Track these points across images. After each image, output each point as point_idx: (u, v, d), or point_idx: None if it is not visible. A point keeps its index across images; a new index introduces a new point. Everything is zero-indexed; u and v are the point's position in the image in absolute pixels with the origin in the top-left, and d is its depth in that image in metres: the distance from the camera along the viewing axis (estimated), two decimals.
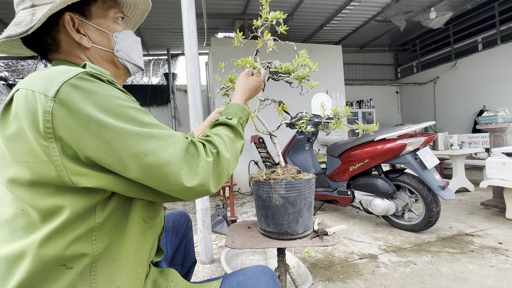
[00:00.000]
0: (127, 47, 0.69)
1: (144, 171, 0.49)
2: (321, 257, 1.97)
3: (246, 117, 0.81)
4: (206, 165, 0.56)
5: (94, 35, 0.63)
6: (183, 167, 0.52)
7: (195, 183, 0.53)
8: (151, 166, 0.49)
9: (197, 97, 1.79)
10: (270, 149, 4.15)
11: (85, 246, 0.50)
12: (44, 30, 0.59)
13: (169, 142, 0.52)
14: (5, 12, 4.51)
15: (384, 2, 5.15)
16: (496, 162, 2.53)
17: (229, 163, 0.62)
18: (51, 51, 0.63)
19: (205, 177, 0.55)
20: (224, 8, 5.03)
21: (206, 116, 6.89)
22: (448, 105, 6.94)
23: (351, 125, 1.12)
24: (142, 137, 0.49)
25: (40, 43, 0.62)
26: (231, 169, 0.63)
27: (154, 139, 0.50)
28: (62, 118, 0.45)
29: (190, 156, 0.55)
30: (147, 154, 0.49)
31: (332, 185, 2.79)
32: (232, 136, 0.69)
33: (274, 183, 0.99)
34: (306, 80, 1.04)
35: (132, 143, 0.48)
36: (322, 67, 5.25)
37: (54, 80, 0.46)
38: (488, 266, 1.71)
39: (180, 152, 0.53)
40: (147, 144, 0.49)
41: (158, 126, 0.54)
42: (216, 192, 0.60)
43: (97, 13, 0.64)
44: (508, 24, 5.59)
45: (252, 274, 0.73)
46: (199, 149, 0.57)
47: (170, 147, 0.52)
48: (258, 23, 1.03)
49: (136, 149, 0.48)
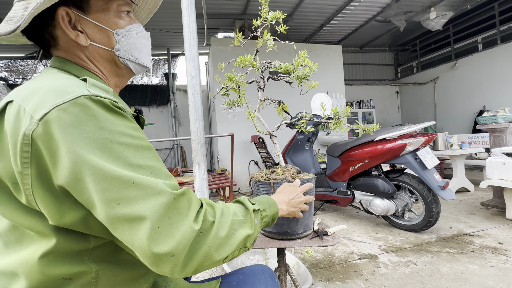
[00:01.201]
0: (130, 44, 0.61)
1: (111, 221, 0.43)
2: (321, 257, 1.97)
3: (271, 215, 0.68)
4: (189, 233, 0.45)
5: (92, 32, 0.56)
6: (159, 226, 0.43)
7: (164, 250, 0.42)
8: (120, 218, 0.42)
9: (197, 97, 1.79)
10: (270, 149, 4.15)
11: (83, 266, 0.49)
12: (41, 25, 0.54)
13: (151, 193, 0.44)
14: (5, 13, 4.50)
15: (384, 2, 5.15)
16: (496, 162, 2.53)
17: (218, 244, 0.49)
18: (51, 47, 0.58)
19: (181, 246, 0.44)
20: (224, 8, 5.03)
21: (206, 116, 6.91)
22: (448, 105, 6.94)
23: (351, 125, 1.12)
24: (120, 182, 0.42)
25: (39, 38, 0.57)
26: (217, 255, 0.48)
27: (134, 187, 0.43)
28: (41, 144, 0.42)
29: (175, 213, 0.45)
30: (120, 203, 0.42)
31: (332, 185, 2.79)
32: (241, 219, 0.56)
33: (274, 183, 0.99)
34: (306, 80, 1.04)
35: (106, 187, 0.42)
36: (322, 67, 5.25)
37: (47, 100, 0.43)
38: (488, 266, 1.71)
39: (162, 207, 0.44)
40: (123, 191, 0.42)
41: (148, 168, 0.46)
42: (182, 277, 0.50)
43: (96, 6, 0.56)
44: (508, 24, 5.59)
45: (251, 273, 0.74)
46: (191, 207, 0.48)
47: (151, 199, 0.44)
48: (257, 23, 1.03)
49: (109, 195, 0.42)
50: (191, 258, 0.46)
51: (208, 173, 2.57)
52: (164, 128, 7.04)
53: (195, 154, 1.81)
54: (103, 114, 0.45)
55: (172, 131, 7.00)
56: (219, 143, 4.80)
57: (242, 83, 1.11)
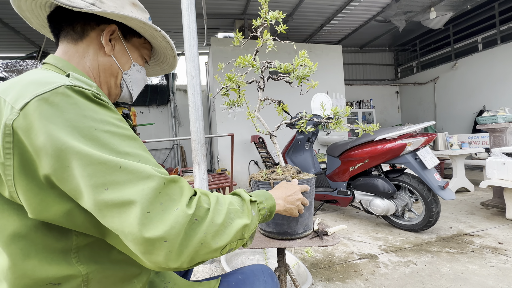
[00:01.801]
0: (136, 78, 0.71)
1: (99, 208, 0.41)
2: (321, 257, 1.97)
3: (268, 207, 0.67)
4: (182, 217, 0.43)
5: (118, 52, 0.66)
6: (149, 210, 0.41)
7: (156, 234, 0.41)
8: (108, 204, 0.41)
9: (197, 97, 1.79)
10: (270, 149, 4.15)
11: (71, 268, 0.47)
12: (83, 19, 0.60)
13: (140, 177, 0.43)
14: (5, 12, 4.50)
15: (384, 2, 5.15)
16: (496, 162, 2.53)
17: (215, 231, 0.47)
18: (67, 39, 0.61)
19: (174, 230, 0.42)
20: (224, 8, 5.03)
21: (206, 116, 6.91)
22: (448, 105, 6.94)
23: (351, 125, 1.12)
24: (107, 167, 0.41)
25: (63, 26, 0.61)
26: (213, 243, 0.47)
27: (122, 171, 0.42)
28: (22, 134, 0.41)
29: (167, 198, 0.44)
30: (108, 187, 0.41)
31: (332, 185, 2.79)
32: (237, 209, 0.55)
33: (274, 183, 0.99)
34: (306, 80, 1.04)
35: (92, 172, 0.41)
36: (322, 67, 5.25)
37: (27, 91, 0.43)
38: (488, 266, 1.71)
39: (151, 191, 0.43)
40: (111, 176, 0.41)
41: (136, 156, 0.46)
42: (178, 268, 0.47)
43: (133, 43, 0.69)
44: (508, 24, 5.59)
45: (251, 272, 0.74)
46: (184, 193, 0.47)
47: (140, 183, 0.43)
48: (257, 23, 1.03)
49: (96, 180, 0.41)
50: (186, 245, 0.44)
51: (208, 173, 2.57)
52: (164, 128, 7.04)
53: (195, 154, 1.82)
54: (85, 103, 0.45)
55: (172, 131, 7.00)
56: (219, 143, 4.80)
57: (242, 83, 1.11)
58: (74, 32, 0.60)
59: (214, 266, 1.86)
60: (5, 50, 6.08)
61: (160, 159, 7.02)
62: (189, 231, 0.44)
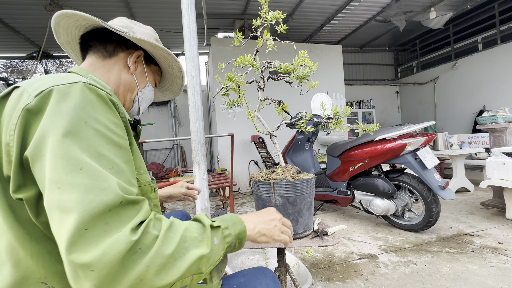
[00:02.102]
0: (147, 97, 0.82)
1: (48, 206, 0.39)
2: (321, 257, 1.97)
3: (236, 234, 0.57)
4: (122, 243, 0.37)
5: (139, 73, 0.77)
6: (88, 227, 0.37)
7: (82, 259, 0.35)
8: (54, 204, 0.38)
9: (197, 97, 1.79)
10: (270, 149, 4.15)
11: None
12: (116, 41, 0.72)
13: (96, 186, 0.39)
14: (5, 12, 4.50)
15: (384, 2, 5.15)
16: (496, 162, 2.53)
17: (161, 264, 0.40)
18: (97, 54, 0.71)
19: (106, 258, 0.36)
20: (224, 8, 5.03)
21: (206, 116, 6.91)
22: (448, 105, 6.94)
23: (351, 125, 1.12)
24: (69, 164, 0.40)
25: (96, 44, 0.71)
26: (157, 279, 0.39)
27: (80, 173, 0.40)
28: (29, 115, 0.44)
29: (116, 219, 0.39)
30: (59, 186, 0.39)
31: (332, 185, 2.79)
32: (195, 236, 0.47)
33: (274, 183, 0.99)
34: (306, 80, 1.04)
35: (55, 165, 0.40)
36: (322, 67, 5.25)
37: (47, 83, 0.46)
38: (488, 266, 1.71)
39: (100, 206, 0.38)
40: (67, 175, 0.39)
41: (110, 162, 0.44)
42: None
43: (151, 68, 0.83)
44: (508, 24, 5.59)
45: (253, 275, 0.73)
46: (135, 217, 0.41)
47: (91, 193, 0.39)
48: (257, 23, 1.03)
49: (54, 175, 0.39)
50: (119, 280, 0.36)
51: (208, 173, 2.57)
52: (164, 128, 7.04)
53: (195, 154, 1.81)
54: (91, 100, 0.47)
55: (172, 131, 7.00)
56: (219, 143, 4.80)
57: (242, 83, 1.11)
58: (105, 50, 0.71)
59: None
60: (5, 50, 6.08)
61: (160, 159, 7.02)
62: (127, 262, 0.37)
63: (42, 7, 4.15)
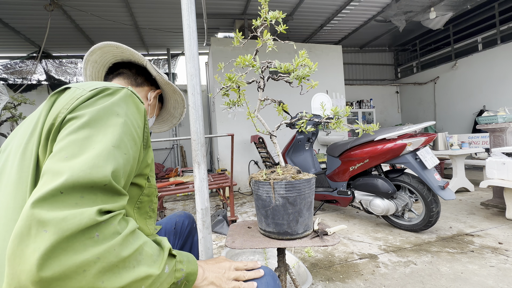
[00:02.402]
0: (149, 123, 0.90)
1: (46, 168, 0.42)
2: (321, 257, 1.97)
3: (187, 272, 0.53)
4: (84, 218, 0.37)
5: (152, 105, 0.90)
6: (64, 192, 0.38)
7: (43, 216, 0.35)
8: (49, 168, 0.42)
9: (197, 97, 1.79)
10: (270, 149, 4.15)
11: None
12: (145, 76, 0.87)
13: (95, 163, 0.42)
14: (5, 12, 4.50)
15: (384, 2, 5.15)
16: (496, 162, 2.53)
17: (110, 265, 0.38)
18: (125, 80, 0.83)
19: (63, 225, 0.35)
20: (224, 8, 5.03)
21: (206, 116, 6.91)
22: (448, 105, 6.94)
23: (351, 125, 1.12)
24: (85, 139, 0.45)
25: (128, 73, 0.84)
26: (98, 280, 0.36)
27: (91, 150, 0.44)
28: (80, 102, 0.51)
29: (92, 196, 0.40)
30: (67, 156, 0.42)
31: (332, 185, 2.79)
32: (151, 254, 0.46)
33: (274, 183, 0.99)
34: (306, 80, 1.04)
35: (74, 139, 0.45)
36: (322, 67, 5.25)
37: (101, 84, 0.57)
38: (488, 266, 1.71)
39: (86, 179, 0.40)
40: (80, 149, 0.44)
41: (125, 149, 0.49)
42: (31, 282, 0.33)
43: (158, 105, 0.97)
44: (508, 24, 5.59)
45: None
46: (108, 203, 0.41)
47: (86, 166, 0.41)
48: (257, 23, 1.03)
49: (67, 146, 0.44)
50: (61, 257, 0.34)
51: (208, 173, 2.57)
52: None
53: (195, 154, 1.81)
54: (131, 103, 0.57)
55: (172, 131, 7.00)
56: (219, 143, 4.80)
57: (242, 83, 1.11)
58: (135, 80, 0.84)
59: None
60: (5, 50, 6.08)
61: (160, 159, 7.02)
62: (79, 242, 0.36)
63: (42, 7, 4.15)
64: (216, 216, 2.70)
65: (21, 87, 5.10)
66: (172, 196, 4.57)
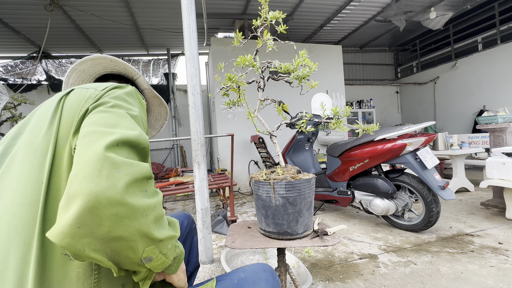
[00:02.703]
0: None
1: (85, 132, 0.49)
2: (321, 257, 1.97)
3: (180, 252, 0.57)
4: (142, 170, 0.45)
5: None
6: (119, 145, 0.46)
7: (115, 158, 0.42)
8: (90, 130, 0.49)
9: (197, 97, 1.79)
10: (270, 149, 4.15)
11: None
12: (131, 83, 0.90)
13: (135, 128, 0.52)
14: (5, 12, 4.50)
15: (384, 2, 5.15)
16: (496, 162, 2.53)
17: (157, 216, 0.44)
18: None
19: (131, 170, 0.43)
20: (224, 8, 5.03)
21: (206, 116, 6.91)
22: (448, 105, 6.94)
23: (351, 125, 1.12)
24: (116, 115, 0.53)
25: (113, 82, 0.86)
26: (152, 226, 0.43)
27: (126, 120, 0.52)
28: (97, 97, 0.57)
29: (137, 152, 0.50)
30: (106, 123, 0.50)
31: (332, 185, 2.79)
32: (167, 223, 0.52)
33: (274, 183, 0.99)
34: (306, 80, 1.04)
35: (104, 116, 0.52)
36: (322, 67, 5.25)
37: (107, 83, 0.63)
38: (488, 266, 1.71)
39: (134, 137, 0.49)
40: (116, 119, 0.52)
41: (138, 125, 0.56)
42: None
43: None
44: (508, 24, 5.59)
45: (253, 271, 0.74)
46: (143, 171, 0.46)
47: (130, 129, 0.50)
48: (257, 23, 1.03)
49: (100, 119, 0.51)
50: (133, 194, 0.41)
51: (208, 173, 2.57)
52: (164, 128, 7.04)
53: (195, 154, 1.82)
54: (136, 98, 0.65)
55: (172, 131, 7.00)
56: (219, 143, 4.80)
57: (242, 83, 1.11)
58: None
59: (214, 266, 1.86)
60: (5, 50, 6.08)
61: (160, 159, 7.02)
62: (138, 189, 0.42)
63: (42, 7, 4.15)
64: (216, 216, 2.70)
65: (21, 87, 5.10)
66: (172, 196, 4.57)
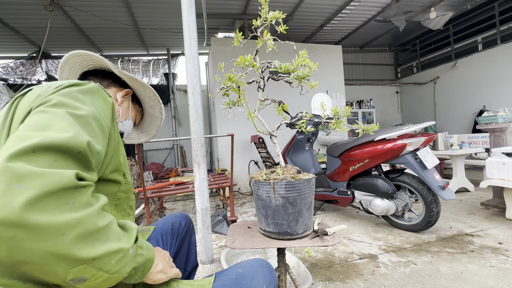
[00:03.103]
0: (125, 128, 0.91)
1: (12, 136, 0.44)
2: (321, 257, 1.97)
3: (147, 257, 0.53)
4: (63, 178, 0.37)
5: (124, 106, 0.89)
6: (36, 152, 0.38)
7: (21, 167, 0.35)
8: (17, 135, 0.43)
9: (197, 97, 1.79)
10: (270, 149, 4.15)
11: None
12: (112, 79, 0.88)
13: (70, 131, 0.43)
14: (5, 12, 4.50)
15: (384, 2, 5.15)
16: (496, 162, 2.53)
17: (87, 231, 0.37)
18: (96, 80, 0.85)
19: (41, 181, 0.35)
20: (224, 8, 5.03)
21: (206, 116, 6.91)
22: (448, 105, 6.94)
23: (351, 125, 1.12)
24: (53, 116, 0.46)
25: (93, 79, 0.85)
26: (73, 246, 0.35)
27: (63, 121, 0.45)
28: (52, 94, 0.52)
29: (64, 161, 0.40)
30: (35, 126, 0.44)
31: (332, 185, 2.79)
32: (118, 232, 0.45)
33: (274, 183, 0.99)
34: (306, 80, 1.04)
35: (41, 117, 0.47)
36: (322, 67, 5.25)
37: (67, 81, 0.58)
38: (488, 266, 1.71)
39: (61, 142, 0.40)
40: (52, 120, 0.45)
41: (92, 131, 0.50)
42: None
43: (135, 107, 0.96)
44: (508, 24, 5.59)
45: (250, 266, 0.75)
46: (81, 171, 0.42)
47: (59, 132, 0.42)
48: (257, 23, 1.03)
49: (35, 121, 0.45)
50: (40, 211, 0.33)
51: (208, 173, 2.57)
52: (164, 128, 7.04)
53: (195, 154, 1.82)
54: (97, 95, 0.59)
55: (172, 131, 7.00)
56: (219, 143, 4.80)
57: (242, 83, 1.11)
58: (100, 83, 0.84)
59: (214, 266, 1.86)
60: (5, 50, 6.08)
61: (160, 159, 7.02)
62: (54, 203, 0.34)
63: (42, 7, 4.15)
64: (216, 216, 2.70)
65: (21, 87, 5.10)
66: (172, 196, 4.57)
